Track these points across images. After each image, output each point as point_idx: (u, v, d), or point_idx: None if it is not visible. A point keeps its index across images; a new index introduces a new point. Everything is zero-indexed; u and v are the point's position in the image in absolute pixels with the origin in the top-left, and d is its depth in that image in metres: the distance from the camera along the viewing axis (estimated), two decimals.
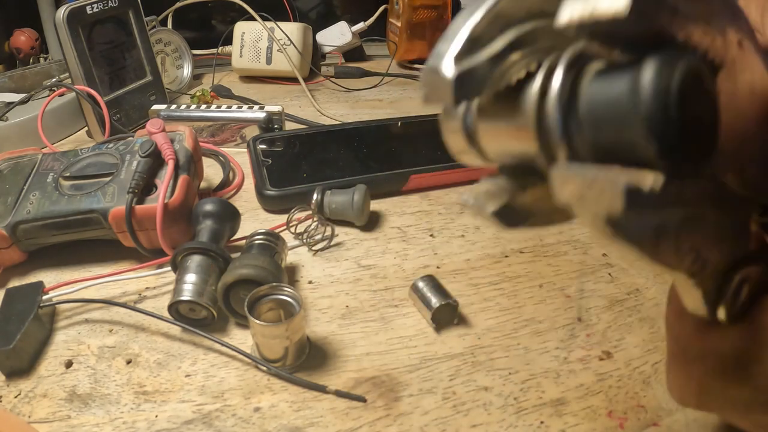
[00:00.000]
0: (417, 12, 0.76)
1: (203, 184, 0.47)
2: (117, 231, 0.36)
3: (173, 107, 0.55)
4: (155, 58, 0.61)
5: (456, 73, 0.13)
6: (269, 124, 0.53)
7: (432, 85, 0.14)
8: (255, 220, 0.43)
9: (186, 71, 0.71)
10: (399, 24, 0.78)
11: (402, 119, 0.56)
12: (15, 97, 0.56)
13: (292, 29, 0.70)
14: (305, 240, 0.40)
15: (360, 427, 0.27)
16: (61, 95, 0.55)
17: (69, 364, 0.30)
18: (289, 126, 0.58)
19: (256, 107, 0.54)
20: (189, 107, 0.55)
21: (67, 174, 0.38)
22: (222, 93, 0.68)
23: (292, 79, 0.71)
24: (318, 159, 0.48)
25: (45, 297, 0.33)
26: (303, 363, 0.30)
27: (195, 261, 0.33)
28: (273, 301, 0.30)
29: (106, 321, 0.33)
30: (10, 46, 0.74)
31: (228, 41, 0.74)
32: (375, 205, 0.44)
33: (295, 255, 0.39)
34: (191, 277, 0.32)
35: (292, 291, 0.30)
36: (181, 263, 0.33)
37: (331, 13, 0.93)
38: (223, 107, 0.54)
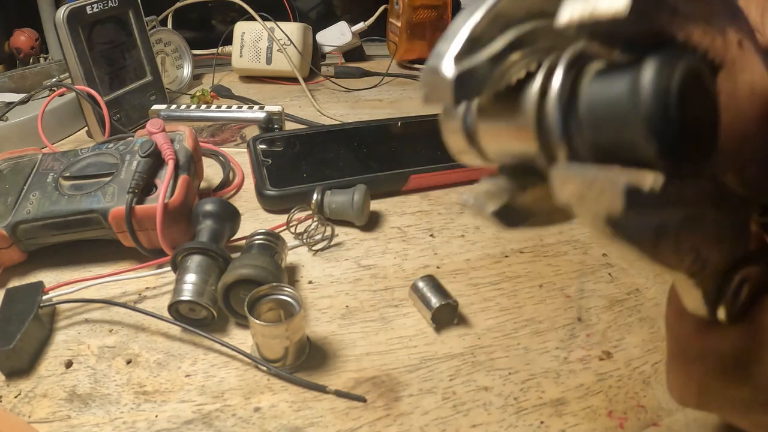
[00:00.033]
0: (417, 12, 0.76)
1: (203, 184, 0.47)
2: (117, 231, 0.36)
3: (173, 107, 0.55)
4: (155, 58, 0.61)
5: (456, 73, 0.13)
6: (269, 124, 0.53)
7: (432, 85, 0.14)
8: (255, 220, 0.43)
9: (186, 71, 0.71)
10: (399, 24, 0.78)
11: (402, 119, 0.56)
12: (15, 97, 0.56)
13: (292, 29, 0.70)
14: (305, 240, 0.40)
15: (360, 427, 0.27)
16: (61, 95, 0.55)
17: (69, 364, 0.30)
18: (289, 126, 0.59)
19: (256, 107, 0.54)
20: (189, 107, 0.55)
21: (67, 174, 0.38)
22: (222, 93, 0.68)
23: (292, 79, 0.71)
24: (318, 159, 0.48)
25: (45, 297, 0.33)
26: (303, 363, 0.30)
27: (195, 261, 0.33)
28: (273, 301, 0.30)
29: (106, 321, 0.33)
30: (10, 46, 0.74)
31: (228, 41, 0.74)
32: (375, 205, 0.44)
33: (295, 255, 0.39)
34: (191, 277, 0.32)
35: (292, 291, 0.30)
36: (181, 263, 0.33)
37: (331, 13, 0.93)
38: (223, 107, 0.54)
